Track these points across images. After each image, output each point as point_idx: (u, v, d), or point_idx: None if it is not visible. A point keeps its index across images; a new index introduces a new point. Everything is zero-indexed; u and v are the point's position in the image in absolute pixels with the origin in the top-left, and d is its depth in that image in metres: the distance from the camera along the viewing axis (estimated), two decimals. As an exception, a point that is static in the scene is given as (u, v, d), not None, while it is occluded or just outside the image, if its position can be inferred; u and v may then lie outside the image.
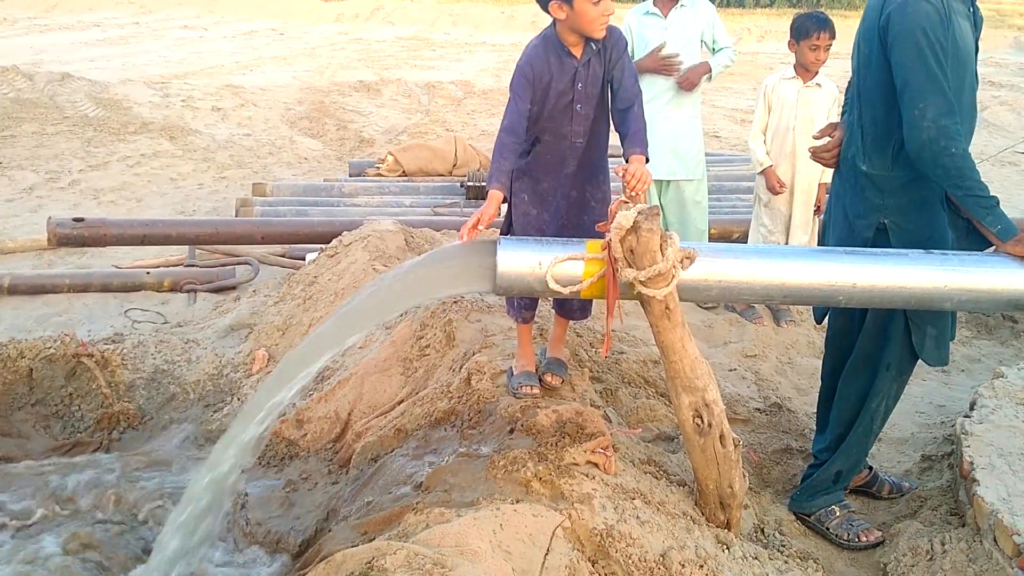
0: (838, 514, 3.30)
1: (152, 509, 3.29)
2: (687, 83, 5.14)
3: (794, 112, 4.96)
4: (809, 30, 4.78)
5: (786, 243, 5.06)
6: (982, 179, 2.78)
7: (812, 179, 4.95)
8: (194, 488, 2.85)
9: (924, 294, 2.75)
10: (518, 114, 2.85)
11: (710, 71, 5.26)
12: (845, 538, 3.24)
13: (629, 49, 5.25)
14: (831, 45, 4.83)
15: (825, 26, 4.77)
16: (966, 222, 2.92)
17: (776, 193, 5.03)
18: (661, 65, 5.09)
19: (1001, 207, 2.81)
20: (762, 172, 5.07)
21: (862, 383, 3.21)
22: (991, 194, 2.79)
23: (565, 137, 2.94)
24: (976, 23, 2.92)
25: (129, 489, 3.39)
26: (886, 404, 3.21)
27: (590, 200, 3.03)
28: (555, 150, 2.96)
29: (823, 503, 3.32)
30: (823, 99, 4.96)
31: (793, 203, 5.05)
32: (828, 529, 3.28)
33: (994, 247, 2.87)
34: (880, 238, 3.02)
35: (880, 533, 3.24)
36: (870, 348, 3.17)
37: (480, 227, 2.68)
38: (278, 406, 2.79)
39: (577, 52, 2.87)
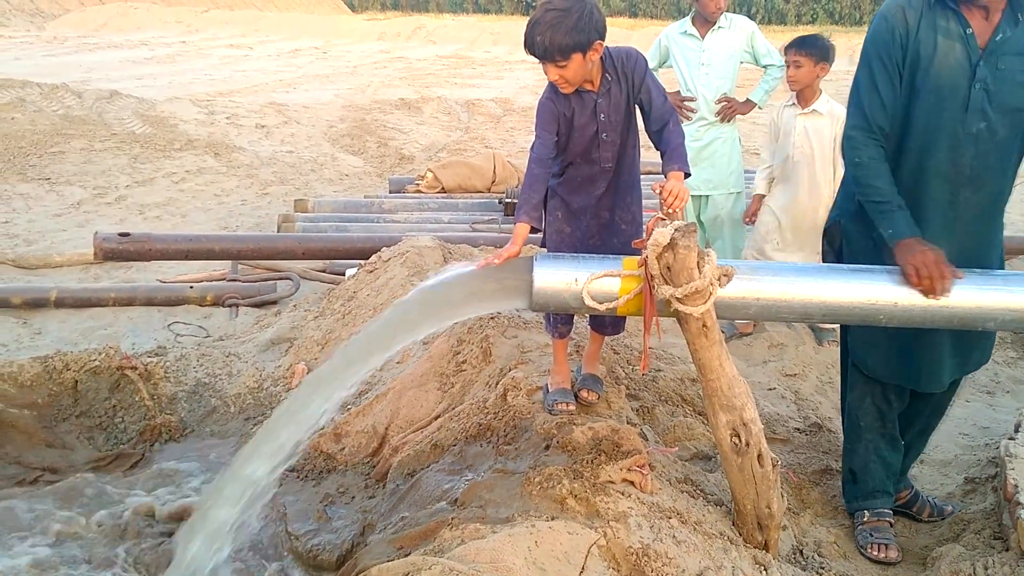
0: (866, 519, 3.30)
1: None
2: (727, 116, 5.18)
3: (791, 140, 4.80)
4: (787, 50, 4.73)
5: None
6: (888, 186, 2.86)
7: (806, 213, 4.76)
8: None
9: (967, 314, 2.72)
10: (545, 147, 2.88)
11: (756, 106, 5.29)
12: (860, 543, 3.25)
13: (669, 63, 5.31)
14: (803, 64, 4.66)
15: (792, 45, 4.69)
16: None
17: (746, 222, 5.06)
18: (676, 106, 5.12)
19: (902, 212, 2.84)
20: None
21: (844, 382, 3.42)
22: (891, 198, 2.85)
23: (595, 162, 2.94)
24: (970, 45, 2.82)
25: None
26: (857, 400, 3.29)
27: (620, 223, 3.02)
28: (585, 173, 2.97)
29: (855, 505, 3.36)
30: (822, 127, 4.73)
31: (782, 232, 4.91)
32: (855, 530, 3.30)
33: None
34: None
35: (897, 555, 3.19)
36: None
37: (496, 262, 2.68)
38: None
39: (592, 86, 2.86)
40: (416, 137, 11.97)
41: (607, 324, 3.21)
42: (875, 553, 3.20)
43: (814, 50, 4.63)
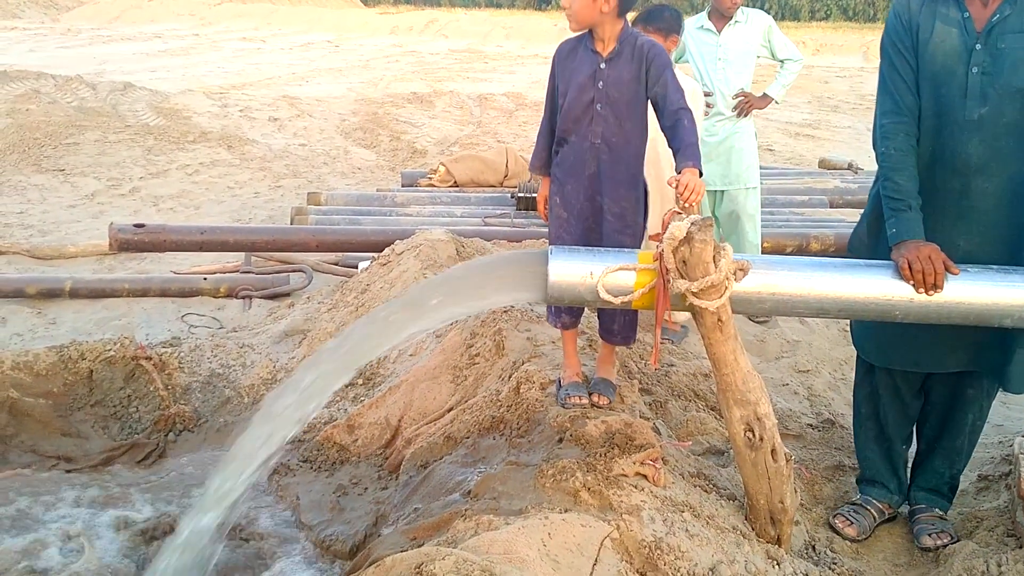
0: (855, 499, 3.41)
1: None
2: (744, 111, 5.15)
3: None
4: (634, 24, 4.55)
5: None
6: (907, 183, 2.86)
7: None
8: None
9: (984, 310, 2.70)
10: (551, 96, 3.03)
11: (773, 100, 5.26)
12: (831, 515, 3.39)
13: (685, 58, 5.28)
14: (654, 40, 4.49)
15: (639, 20, 4.45)
16: None
17: None
18: None
19: (912, 214, 2.83)
20: None
21: None
22: (906, 197, 2.85)
23: (585, 138, 2.94)
24: (967, 29, 2.83)
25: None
26: (862, 397, 3.38)
27: (607, 214, 2.98)
28: (577, 151, 2.97)
29: (860, 488, 3.45)
30: None
31: None
32: None
33: None
34: None
35: (855, 533, 3.25)
36: None
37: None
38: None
39: (602, 48, 2.89)
40: (428, 131, 11.97)
41: (616, 333, 3.18)
42: (837, 523, 3.29)
43: (662, 24, 4.41)
